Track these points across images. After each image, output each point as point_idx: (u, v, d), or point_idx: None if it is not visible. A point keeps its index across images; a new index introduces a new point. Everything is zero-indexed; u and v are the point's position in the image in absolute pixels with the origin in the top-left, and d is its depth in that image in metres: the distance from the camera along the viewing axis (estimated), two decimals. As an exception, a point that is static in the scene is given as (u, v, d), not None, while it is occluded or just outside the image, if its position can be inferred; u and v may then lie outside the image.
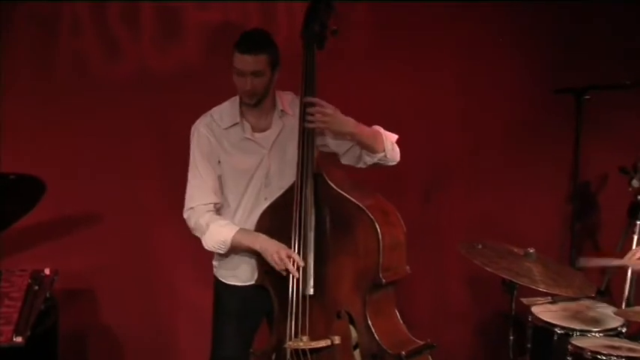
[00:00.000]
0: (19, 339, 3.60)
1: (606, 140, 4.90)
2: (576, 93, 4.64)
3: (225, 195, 3.75)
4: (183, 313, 4.83)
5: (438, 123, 4.93)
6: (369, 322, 3.52)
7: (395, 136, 3.72)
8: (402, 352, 3.49)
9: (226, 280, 3.81)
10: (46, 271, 3.95)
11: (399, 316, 3.67)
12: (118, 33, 4.68)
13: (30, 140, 4.62)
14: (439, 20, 4.87)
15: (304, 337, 3.53)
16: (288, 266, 3.53)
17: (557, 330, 3.96)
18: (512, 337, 4.06)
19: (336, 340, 3.53)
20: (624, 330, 3.97)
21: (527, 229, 4.85)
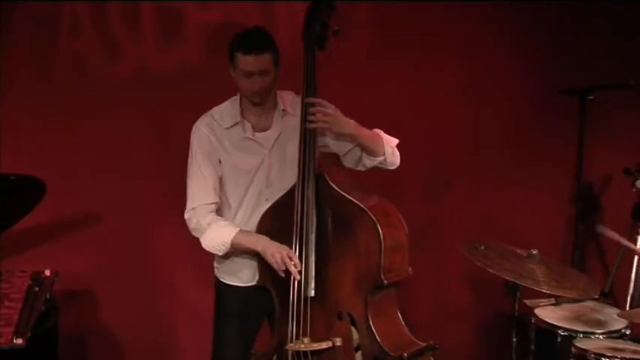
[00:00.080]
0: (19, 341, 3.59)
1: (610, 141, 4.88)
2: (580, 93, 4.65)
3: (226, 196, 3.73)
4: (183, 313, 4.82)
5: (440, 123, 4.91)
6: (370, 323, 3.51)
7: (395, 141, 3.71)
8: (404, 354, 3.49)
9: (227, 281, 3.80)
10: (47, 273, 3.94)
11: (400, 318, 3.66)
12: (118, 33, 4.67)
13: (30, 140, 4.61)
14: (441, 20, 4.86)
15: (305, 339, 3.52)
16: (289, 267, 3.52)
17: (561, 332, 3.96)
18: (515, 339, 4.04)
19: (338, 342, 3.52)
20: (628, 332, 3.97)
21: (530, 230, 4.84)
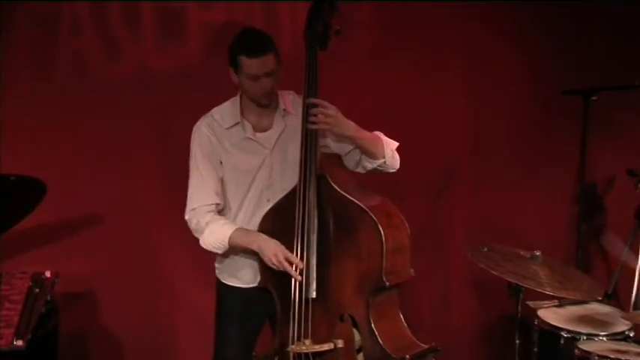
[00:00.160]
0: (19, 342, 3.57)
1: (614, 142, 4.88)
2: (584, 94, 4.65)
3: (227, 197, 3.72)
4: (184, 315, 4.81)
5: (442, 124, 4.90)
6: (372, 325, 3.50)
7: (395, 144, 3.69)
8: (406, 356, 3.47)
9: (229, 282, 3.78)
10: (47, 274, 3.92)
11: (403, 320, 3.65)
12: (118, 33, 4.67)
13: (30, 140, 4.61)
14: (443, 21, 4.85)
15: (307, 341, 3.51)
16: (287, 268, 3.50)
17: (564, 334, 3.95)
18: (518, 341, 4.04)
19: (339, 344, 3.51)
20: (632, 334, 3.97)
21: (533, 231, 4.83)
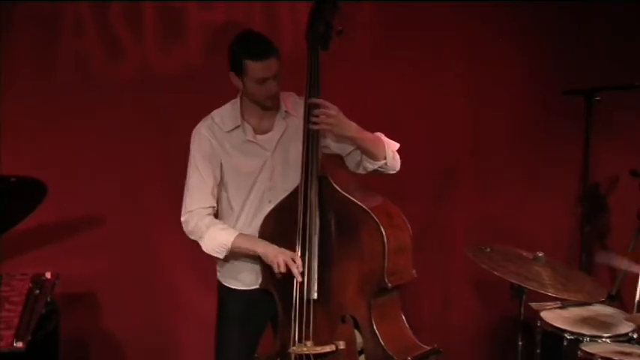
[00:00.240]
0: (19, 344, 3.59)
1: (616, 142, 4.87)
2: (586, 94, 4.64)
3: (229, 199, 3.70)
4: (185, 316, 4.81)
5: (444, 124, 4.90)
6: (374, 326, 3.49)
7: (396, 145, 3.68)
8: (408, 358, 3.46)
9: (230, 285, 3.77)
10: (47, 275, 3.93)
11: (405, 321, 3.64)
12: (119, 33, 4.68)
13: (30, 140, 4.62)
14: (445, 21, 4.85)
15: (308, 342, 3.50)
16: (292, 269, 3.48)
17: (567, 335, 3.94)
18: (520, 343, 4.01)
19: (341, 346, 3.50)
20: (635, 335, 3.95)
21: (535, 231, 4.83)
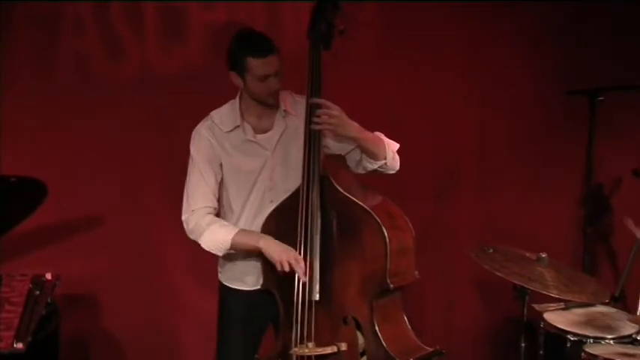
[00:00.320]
0: (19, 345, 3.58)
1: (620, 142, 4.87)
2: (590, 94, 4.64)
3: (229, 199, 3.69)
4: (186, 317, 4.81)
5: (447, 124, 4.90)
6: (376, 328, 3.47)
7: (396, 145, 3.68)
8: (410, 359, 3.45)
9: (231, 285, 3.76)
10: (48, 276, 3.94)
11: (407, 322, 3.62)
12: (120, 33, 4.68)
13: (30, 140, 4.62)
14: (447, 21, 4.84)
15: (310, 344, 3.48)
16: (295, 268, 3.47)
17: (570, 337, 3.93)
18: (523, 344, 4.00)
19: (343, 347, 3.49)
20: (639, 337, 3.93)
21: (538, 232, 4.83)
